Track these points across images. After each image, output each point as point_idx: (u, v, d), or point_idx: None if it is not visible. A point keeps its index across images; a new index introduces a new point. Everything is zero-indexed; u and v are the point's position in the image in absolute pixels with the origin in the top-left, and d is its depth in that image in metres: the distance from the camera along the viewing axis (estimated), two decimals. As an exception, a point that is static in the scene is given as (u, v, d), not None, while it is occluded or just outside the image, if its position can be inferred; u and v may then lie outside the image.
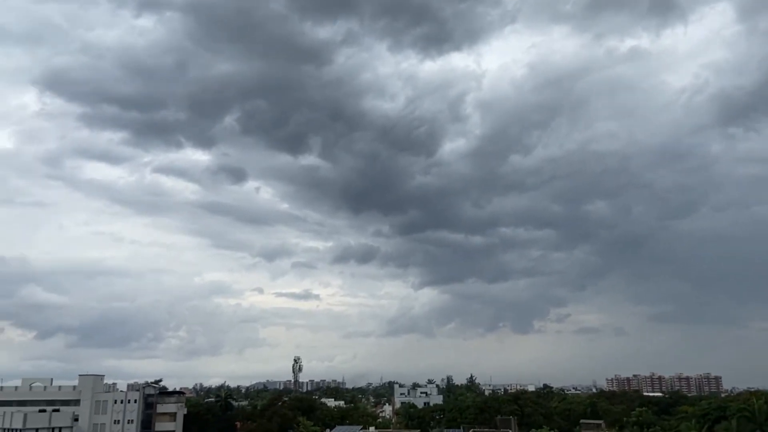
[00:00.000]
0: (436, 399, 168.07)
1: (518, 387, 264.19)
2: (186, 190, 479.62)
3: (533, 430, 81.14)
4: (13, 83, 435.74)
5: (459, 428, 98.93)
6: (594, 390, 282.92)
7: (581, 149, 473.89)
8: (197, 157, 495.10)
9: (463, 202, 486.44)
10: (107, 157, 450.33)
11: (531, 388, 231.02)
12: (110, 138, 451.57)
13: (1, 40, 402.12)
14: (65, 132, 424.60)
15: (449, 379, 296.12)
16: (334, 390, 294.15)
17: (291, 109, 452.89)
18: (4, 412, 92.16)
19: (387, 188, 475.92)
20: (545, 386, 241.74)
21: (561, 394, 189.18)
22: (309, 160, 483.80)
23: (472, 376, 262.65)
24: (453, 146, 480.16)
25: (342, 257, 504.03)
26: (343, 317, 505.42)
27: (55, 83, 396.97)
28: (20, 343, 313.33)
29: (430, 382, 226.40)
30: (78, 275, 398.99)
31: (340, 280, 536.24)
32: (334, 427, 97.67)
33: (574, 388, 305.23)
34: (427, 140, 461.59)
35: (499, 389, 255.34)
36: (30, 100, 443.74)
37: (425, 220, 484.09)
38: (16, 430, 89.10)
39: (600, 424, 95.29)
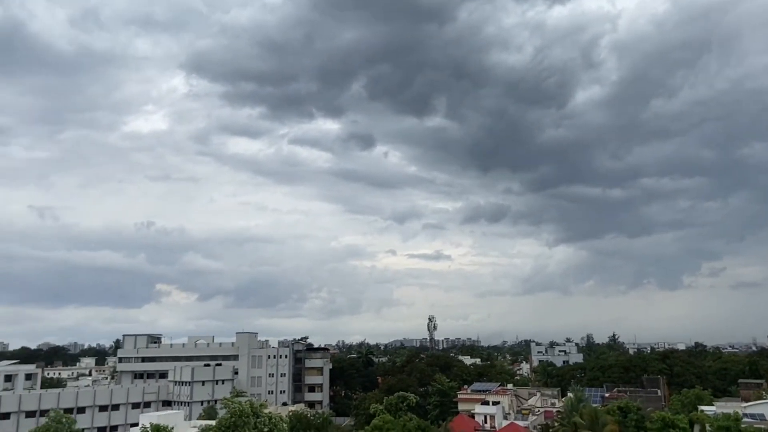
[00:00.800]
0: (576, 357, 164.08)
1: (666, 345, 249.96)
2: (319, 158, 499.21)
3: (684, 389, 76.54)
4: (163, 69, 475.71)
5: (601, 387, 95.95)
6: (754, 348, 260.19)
7: (734, 88, 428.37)
8: (328, 126, 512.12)
9: (599, 153, 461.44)
10: (248, 131, 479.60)
11: (681, 347, 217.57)
12: (249, 113, 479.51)
13: (151, 29, 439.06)
14: (210, 110, 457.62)
15: (589, 337, 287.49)
16: (470, 348, 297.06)
17: (415, 71, 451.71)
18: (175, 367, 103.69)
19: (516, 144, 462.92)
20: (697, 345, 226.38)
21: (716, 353, 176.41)
22: (435, 121, 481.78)
23: (614, 335, 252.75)
24: (586, 95, 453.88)
25: (472, 217, 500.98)
26: (475, 277, 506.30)
27: (200, 66, 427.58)
28: (185, 305, 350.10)
29: (568, 340, 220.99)
30: (229, 243, 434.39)
31: (471, 240, 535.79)
32: (472, 383, 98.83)
33: (730, 347, 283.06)
34: (557, 91, 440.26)
35: (645, 348, 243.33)
36: (179, 83, 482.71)
37: (558, 175, 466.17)
38: (186, 382, 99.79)
39: (761, 384, 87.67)
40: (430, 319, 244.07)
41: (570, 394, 71.56)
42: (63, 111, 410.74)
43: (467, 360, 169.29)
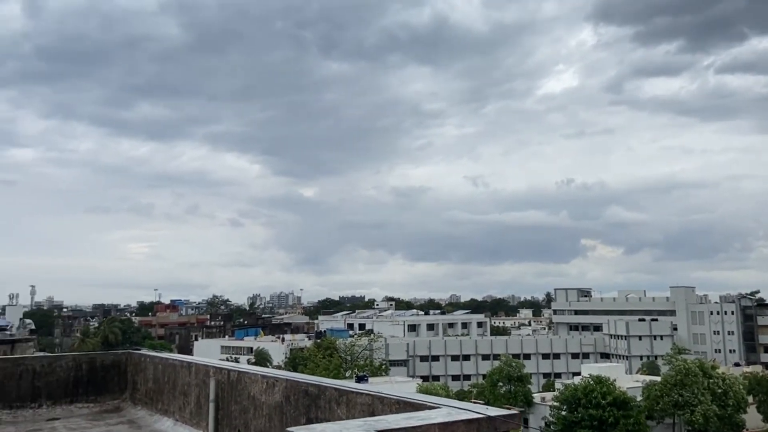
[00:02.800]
0: None
1: None
2: (756, 84, 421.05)
3: None
4: (570, 25, 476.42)
5: None
6: None
7: None
8: (765, 44, 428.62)
9: None
10: (665, 70, 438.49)
11: None
12: (666, 50, 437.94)
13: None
14: (621, 56, 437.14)
15: None
16: None
17: None
18: (608, 320, 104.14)
19: None
20: None
21: None
22: None
23: None
24: None
25: None
26: None
27: (607, 12, 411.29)
28: (611, 258, 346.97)
29: None
30: (653, 192, 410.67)
31: None
32: None
33: None
34: None
35: None
36: (586, 35, 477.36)
37: None
38: (622, 336, 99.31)
39: None
40: None
41: None
42: (484, 87, 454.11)
43: None
